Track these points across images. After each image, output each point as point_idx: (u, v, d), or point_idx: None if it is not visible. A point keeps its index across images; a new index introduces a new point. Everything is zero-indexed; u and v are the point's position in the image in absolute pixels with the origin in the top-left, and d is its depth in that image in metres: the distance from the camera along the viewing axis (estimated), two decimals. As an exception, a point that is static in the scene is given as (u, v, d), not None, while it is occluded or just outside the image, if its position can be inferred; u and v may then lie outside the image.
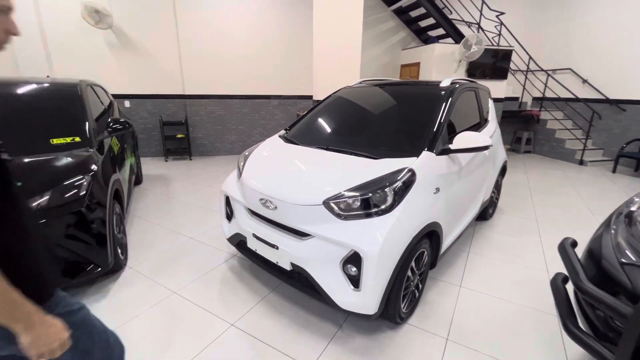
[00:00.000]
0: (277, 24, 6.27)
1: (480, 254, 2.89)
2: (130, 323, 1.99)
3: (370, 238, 1.64)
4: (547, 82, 7.26)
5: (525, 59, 7.24)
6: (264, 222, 2.08)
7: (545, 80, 7.29)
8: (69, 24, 5.47)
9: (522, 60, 7.31)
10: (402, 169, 1.84)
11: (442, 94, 2.42)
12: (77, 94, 2.86)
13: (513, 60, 6.71)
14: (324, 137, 2.49)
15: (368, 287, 1.66)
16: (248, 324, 2.00)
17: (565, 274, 1.43)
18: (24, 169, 2.07)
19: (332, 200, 1.75)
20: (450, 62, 6.16)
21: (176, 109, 6.32)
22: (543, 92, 7.35)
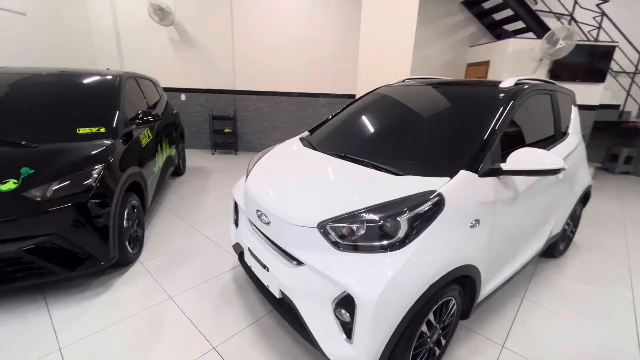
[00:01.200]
0: (327, 22, 5.99)
1: (539, 302, 2.25)
2: (119, 324, 1.90)
3: (368, 280, 1.26)
4: (662, 87, 5.78)
5: (633, 57, 5.85)
6: (260, 237, 1.82)
7: (659, 85, 5.81)
8: (138, 21, 5.89)
9: (628, 59, 5.93)
10: (425, 192, 1.41)
11: (501, 97, 1.87)
12: (114, 86, 2.92)
13: (615, 60, 5.46)
14: (345, 144, 2.12)
15: (361, 342, 1.28)
16: (231, 350, 1.76)
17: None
18: (41, 156, 2.11)
19: (329, 224, 1.40)
20: (527, 61, 5.22)
21: (226, 104, 6.45)
22: (655, 100, 5.88)
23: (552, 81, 2.57)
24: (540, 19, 5.26)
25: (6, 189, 1.85)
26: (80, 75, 2.98)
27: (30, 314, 1.95)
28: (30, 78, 2.83)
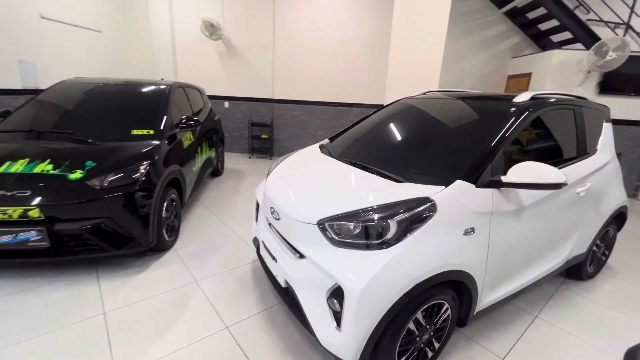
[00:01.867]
0: (360, 35, 6.18)
1: (554, 323, 2.18)
2: (151, 299, 2.21)
3: (356, 273, 1.39)
4: None
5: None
6: (272, 232, 2.02)
7: None
8: (191, 37, 6.55)
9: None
10: (418, 198, 1.51)
11: (511, 111, 1.91)
12: (164, 95, 3.37)
13: (679, 72, 4.95)
14: (357, 152, 2.27)
15: (348, 330, 1.41)
16: (241, 331, 1.97)
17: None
18: (102, 152, 2.53)
19: (327, 222, 1.56)
20: (574, 73, 4.94)
21: (265, 111, 6.87)
22: None
23: (581, 96, 2.49)
24: (589, 29, 4.96)
25: (74, 177, 2.26)
26: (138, 85, 3.47)
27: (84, 283, 2.33)
28: (100, 87, 3.36)
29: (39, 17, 5.03)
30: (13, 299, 2.13)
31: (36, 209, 2.10)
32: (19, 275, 2.36)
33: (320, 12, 6.19)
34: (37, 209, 2.10)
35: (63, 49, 5.46)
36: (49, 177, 2.24)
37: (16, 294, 2.18)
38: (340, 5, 6.12)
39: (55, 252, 2.24)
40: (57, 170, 2.28)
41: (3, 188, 2.13)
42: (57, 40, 5.35)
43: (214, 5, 6.38)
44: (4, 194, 2.10)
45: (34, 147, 2.52)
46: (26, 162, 2.31)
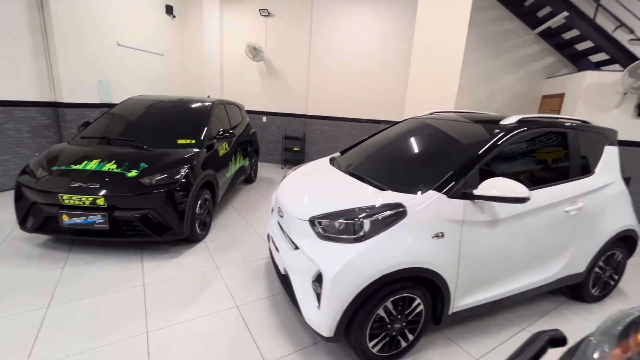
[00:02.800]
0: (389, 56, 6.52)
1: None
2: (180, 279, 2.67)
3: (332, 261, 1.70)
4: None
5: None
6: (278, 227, 2.39)
7: None
8: (237, 58, 7.35)
9: None
10: (391, 203, 1.79)
11: (494, 132, 2.11)
12: (207, 110, 3.97)
13: None
14: (357, 164, 2.58)
15: (324, 308, 1.71)
16: (248, 310, 2.34)
17: None
18: (153, 156, 3.11)
19: (316, 219, 1.89)
20: (608, 95, 4.78)
21: (297, 126, 7.40)
22: None
23: (583, 120, 2.59)
24: (627, 50, 4.80)
25: (131, 175, 2.85)
26: (187, 102, 4.12)
27: (131, 261, 2.88)
28: (157, 103, 4.06)
29: (116, 44, 6.08)
30: (79, 269, 2.72)
31: (102, 198, 2.70)
32: (84, 251, 2.98)
33: (351, 34, 6.65)
34: (102, 198, 2.70)
35: (132, 70, 6.48)
36: (112, 174, 2.84)
37: (81, 265, 2.77)
38: (369, 28, 6.54)
39: (112, 234, 2.82)
40: (119, 169, 2.89)
41: (80, 180, 2.76)
42: (127, 63, 6.38)
43: (258, 30, 7.14)
44: (81, 185, 2.73)
45: (104, 150, 3.18)
46: (98, 161, 2.96)
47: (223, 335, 2.08)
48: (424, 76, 4.19)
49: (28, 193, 2.81)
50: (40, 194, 2.75)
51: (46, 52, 4.88)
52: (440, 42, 4.02)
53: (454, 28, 3.95)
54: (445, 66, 4.03)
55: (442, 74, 4.07)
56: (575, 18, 4.88)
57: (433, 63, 4.11)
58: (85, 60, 5.27)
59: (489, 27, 6.05)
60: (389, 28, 6.45)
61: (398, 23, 6.38)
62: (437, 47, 4.04)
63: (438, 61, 4.07)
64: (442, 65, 4.05)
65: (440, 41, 4.02)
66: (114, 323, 2.12)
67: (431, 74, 4.14)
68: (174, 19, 7.39)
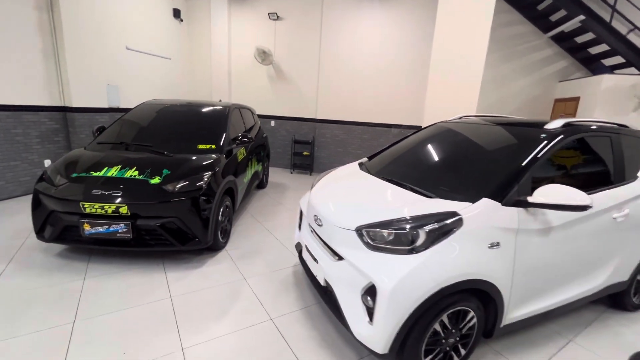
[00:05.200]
0: (399, 60, 6.48)
1: (590, 349, 2.17)
2: (207, 290, 2.56)
3: (387, 273, 1.61)
4: None
5: None
6: (314, 237, 2.30)
7: None
8: (245, 62, 7.29)
9: None
10: (446, 212, 1.71)
11: (542, 137, 2.04)
12: (225, 115, 3.88)
13: None
14: (392, 169, 2.50)
15: (379, 324, 1.62)
16: (283, 323, 2.23)
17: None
18: (175, 162, 3.01)
19: (364, 229, 1.80)
20: (627, 98, 4.77)
21: (307, 130, 7.33)
22: None
23: (623, 124, 2.53)
24: (644, 53, 4.80)
25: (154, 182, 2.74)
26: (203, 106, 4.04)
27: (154, 272, 2.76)
28: (172, 108, 3.96)
29: (125, 48, 5.99)
30: (101, 280, 2.60)
31: (125, 206, 2.59)
32: (103, 261, 2.86)
33: (362, 38, 6.61)
34: (126, 206, 2.59)
35: (139, 75, 6.39)
36: (135, 181, 2.74)
37: (102, 276, 2.66)
38: (380, 32, 6.49)
39: (134, 243, 2.71)
40: (141, 176, 2.79)
41: (102, 188, 2.65)
42: (135, 67, 6.28)
43: (267, 34, 7.08)
44: (103, 192, 2.62)
45: (124, 156, 3.07)
46: (118, 168, 2.85)
47: (263, 352, 1.97)
48: (444, 81, 4.13)
49: (46, 201, 2.70)
50: (60, 202, 2.64)
51: (55, 55, 4.78)
52: (461, 46, 3.97)
53: (475, 32, 3.91)
54: (466, 70, 3.98)
55: (463, 78, 4.02)
56: (591, 21, 4.87)
57: (453, 67, 4.06)
58: (94, 64, 5.17)
59: (501, 31, 6.03)
60: (400, 32, 6.41)
61: (409, 27, 6.34)
62: (457, 50, 3.99)
63: (458, 65, 4.02)
64: (462, 69, 4.00)
65: (460, 45, 3.97)
66: (145, 339, 2.01)
67: (451, 79, 4.09)
68: (182, 22, 7.32)
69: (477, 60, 3.92)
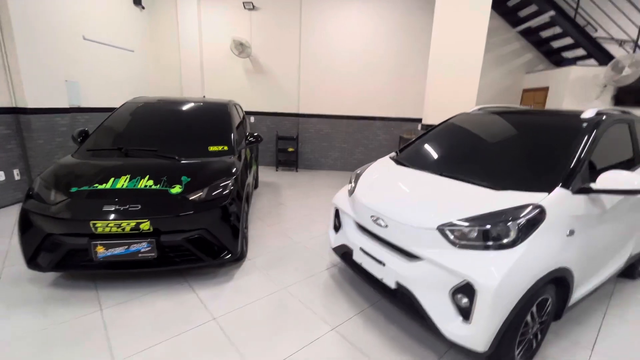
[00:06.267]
0: (387, 50, 6.53)
1: (623, 317, 2.38)
2: (248, 307, 2.34)
3: (487, 271, 1.58)
4: None
5: None
6: (372, 238, 2.20)
7: None
8: (219, 54, 6.81)
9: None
10: (528, 205, 1.72)
11: (584, 126, 2.15)
12: (226, 112, 3.57)
13: (686, 85, 5.35)
14: (438, 163, 2.49)
15: (480, 322, 1.59)
16: (347, 332, 2.12)
17: None
18: (190, 168, 2.69)
19: (447, 227, 1.75)
20: (590, 88, 5.31)
21: (290, 125, 7.10)
22: None
23: (627, 110, 2.77)
24: (601, 46, 5.37)
25: (175, 192, 2.42)
26: (200, 103, 3.67)
27: (181, 292, 2.46)
28: (164, 105, 3.54)
29: (82, 38, 5.23)
30: (122, 309, 2.24)
31: (147, 222, 2.25)
32: (114, 286, 2.48)
33: (344, 29, 6.52)
34: (148, 221, 2.25)
35: (100, 69, 5.65)
36: (153, 192, 2.39)
37: (122, 304, 2.30)
38: (363, 23, 6.47)
39: (158, 263, 2.38)
40: (158, 185, 2.44)
41: (114, 203, 2.27)
42: (95, 61, 5.54)
43: (242, 25, 6.66)
44: (117, 208, 2.25)
45: (129, 164, 2.67)
46: (127, 178, 2.47)
47: (342, 366, 1.85)
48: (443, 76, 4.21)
49: (41, 222, 2.25)
50: (61, 222, 2.21)
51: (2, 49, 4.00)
52: (459, 40, 4.07)
53: (472, 26, 4.02)
54: (465, 65, 4.10)
55: (462, 73, 4.14)
56: (559, 17, 5.31)
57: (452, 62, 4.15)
58: (49, 57, 4.43)
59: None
60: (384, 24, 6.44)
61: (393, 17, 6.40)
62: (456, 45, 4.09)
63: (457, 59, 4.12)
64: (461, 65, 4.11)
65: (458, 40, 4.07)
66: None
67: (451, 73, 4.18)
68: (143, 10, 6.59)
69: (476, 55, 4.05)
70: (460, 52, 4.06)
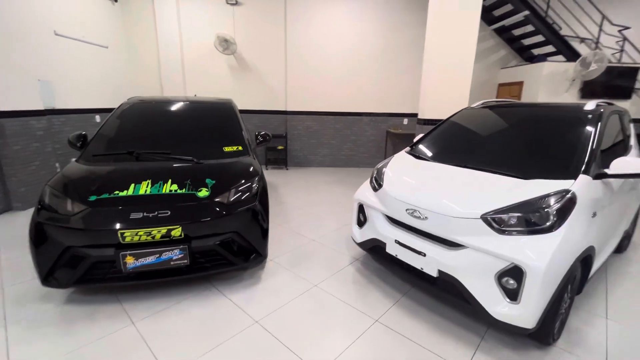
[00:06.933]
0: (373, 46, 6.65)
1: (622, 287, 2.66)
2: (286, 307, 2.33)
3: (535, 253, 1.71)
4: (683, 102, 6.29)
5: (653, 76, 6.41)
6: (407, 230, 2.28)
7: (680, 100, 6.33)
8: (202, 51, 6.55)
9: (648, 78, 6.48)
10: (562, 191, 1.88)
11: (590, 117, 2.37)
12: (232, 111, 3.49)
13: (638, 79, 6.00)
14: (459, 156, 2.61)
15: (530, 302, 1.72)
16: (391, 322, 2.19)
17: None
18: (212, 169, 2.61)
19: (490, 215, 1.87)
20: (560, 82, 5.78)
21: (278, 123, 7.02)
22: (677, 114, 6.38)
23: (611, 102, 3.07)
24: (568, 44, 5.85)
25: (202, 195, 2.34)
26: (203, 103, 3.54)
27: (213, 299, 2.39)
28: (166, 106, 3.37)
29: (53, 33, 4.81)
30: (156, 321, 2.14)
31: (179, 228, 2.16)
32: (140, 298, 2.35)
33: (330, 27, 6.54)
34: (179, 227, 2.16)
35: (73, 67, 5.24)
36: (180, 197, 2.29)
37: (155, 315, 2.19)
38: (348, 21, 6.53)
39: (189, 270, 2.29)
40: (184, 189, 2.34)
41: (141, 209, 2.15)
42: (68, 58, 5.13)
43: (225, 21, 6.45)
44: (146, 215, 2.13)
45: (145, 168, 2.53)
46: (149, 183, 2.34)
47: (397, 355, 1.91)
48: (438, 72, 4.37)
49: (58, 235, 2.08)
50: (84, 233, 2.06)
51: (-34, 43, 3.58)
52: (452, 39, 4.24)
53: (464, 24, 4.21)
54: (458, 60, 4.29)
55: (455, 67, 4.32)
56: (532, 16, 5.71)
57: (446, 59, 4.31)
58: (19, 54, 4.03)
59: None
60: (370, 21, 6.53)
61: (378, 14, 6.51)
62: (449, 43, 4.26)
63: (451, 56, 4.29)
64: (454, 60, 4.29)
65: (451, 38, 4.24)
66: (269, 374, 1.75)
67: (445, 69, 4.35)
68: (116, 3, 6.16)
69: (468, 49, 4.25)
70: (454, 48, 4.24)
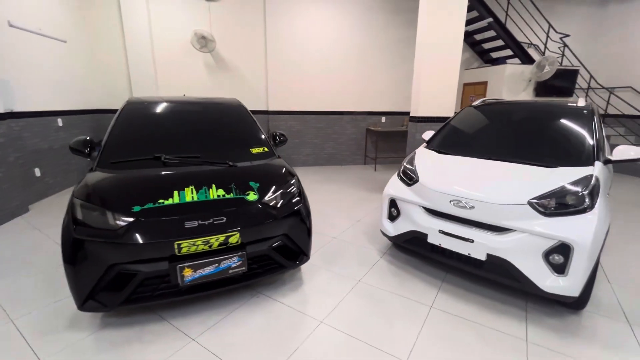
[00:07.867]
0: (351, 46, 6.84)
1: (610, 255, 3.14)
2: (342, 303, 2.36)
3: (581, 231, 1.97)
4: (610, 99, 7.49)
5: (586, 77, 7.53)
6: (449, 220, 2.45)
7: (607, 98, 7.53)
8: (175, 48, 6.16)
9: (583, 79, 7.60)
10: (589, 176, 2.19)
11: (586, 112, 2.77)
12: (246, 111, 3.41)
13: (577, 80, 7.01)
14: (481, 149, 2.85)
15: (576, 273, 1.98)
16: (444, 306, 2.34)
17: None
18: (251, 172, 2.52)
19: (535, 200, 2.11)
20: (518, 82, 6.51)
21: (260, 124, 6.84)
22: (605, 109, 7.58)
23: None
24: (524, 48, 6.62)
25: (252, 199, 2.26)
26: (211, 102, 3.38)
27: (264, 305, 2.32)
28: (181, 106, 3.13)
29: (7, 24, 4.17)
30: (219, 332, 2.04)
31: (236, 234, 2.07)
32: (187, 312, 2.21)
33: (309, 26, 6.57)
34: (237, 234, 2.07)
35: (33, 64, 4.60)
36: (230, 202, 2.19)
37: (214, 327, 2.08)
38: (327, 20, 6.62)
39: (244, 277, 2.20)
40: (231, 194, 2.24)
41: (195, 218, 2.02)
42: (26, 54, 4.49)
43: (201, 17, 6.14)
44: (201, 223, 2.01)
45: (181, 173, 2.35)
46: (192, 189, 2.19)
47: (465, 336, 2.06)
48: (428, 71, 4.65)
49: (101, 251, 1.86)
50: (135, 248, 1.87)
51: None
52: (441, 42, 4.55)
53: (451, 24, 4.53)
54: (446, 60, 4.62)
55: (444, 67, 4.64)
56: (494, 24, 6.35)
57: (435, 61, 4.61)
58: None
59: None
60: (351, 19, 6.68)
61: (354, 14, 6.69)
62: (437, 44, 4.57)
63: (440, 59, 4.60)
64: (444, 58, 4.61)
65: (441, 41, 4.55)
66: None
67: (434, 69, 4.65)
68: (73, -7, 5.51)
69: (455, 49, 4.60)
70: (442, 48, 4.54)
